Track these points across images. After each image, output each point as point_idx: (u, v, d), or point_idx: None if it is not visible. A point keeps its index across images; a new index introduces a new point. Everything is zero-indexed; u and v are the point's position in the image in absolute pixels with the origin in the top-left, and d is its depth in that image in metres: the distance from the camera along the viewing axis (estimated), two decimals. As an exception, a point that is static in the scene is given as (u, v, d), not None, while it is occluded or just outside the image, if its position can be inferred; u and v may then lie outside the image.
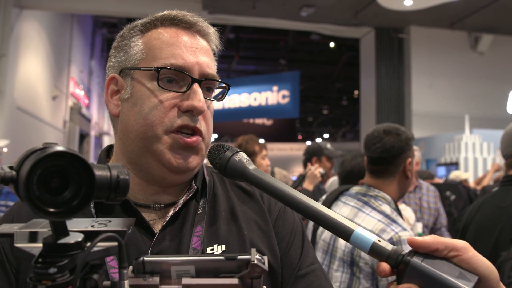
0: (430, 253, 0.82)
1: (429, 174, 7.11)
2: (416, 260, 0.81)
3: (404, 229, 2.32)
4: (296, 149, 22.15)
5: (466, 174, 7.93)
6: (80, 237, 0.67)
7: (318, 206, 0.91)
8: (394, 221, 2.38)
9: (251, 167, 1.03)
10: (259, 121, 21.02)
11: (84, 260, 0.63)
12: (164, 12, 1.24)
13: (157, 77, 1.15)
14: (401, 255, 0.83)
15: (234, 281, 0.76)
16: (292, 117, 18.34)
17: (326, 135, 31.47)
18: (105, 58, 16.76)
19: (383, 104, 12.73)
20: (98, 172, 0.65)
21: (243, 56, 19.68)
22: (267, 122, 21.00)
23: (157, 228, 1.17)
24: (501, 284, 0.83)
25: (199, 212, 1.23)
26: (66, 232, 0.66)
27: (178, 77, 1.17)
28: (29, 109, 10.76)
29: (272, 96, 16.40)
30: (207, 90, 1.23)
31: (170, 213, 1.18)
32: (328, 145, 5.31)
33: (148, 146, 1.16)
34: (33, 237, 0.70)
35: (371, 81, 13.12)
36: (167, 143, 1.15)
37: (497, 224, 2.42)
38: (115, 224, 0.75)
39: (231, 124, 20.48)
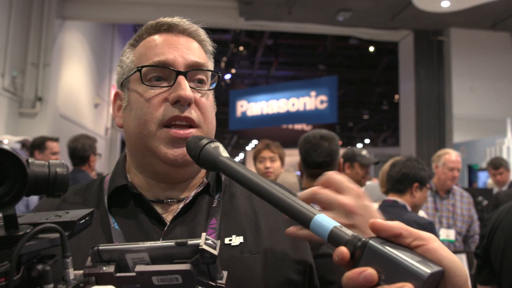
0: (393, 239, 0.76)
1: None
2: (374, 242, 0.74)
3: None
4: (335, 155, 21.92)
5: (506, 179, 7.70)
6: (28, 229, 0.69)
7: (282, 193, 0.89)
8: None
9: (224, 155, 1.01)
10: (298, 126, 20.96)
11: (19, 251, 0.65)
12: (149, 22, 1.30)
13: (140, 77, 1.20)
14: (360, 241, 0.75)
15: (186, 266, 0.76)
16: (330, 122, 18.20)
17: (367, 141, 31.12)
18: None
19: (423, 108, 12.46)
20: (36, 169, 0.68)
21: (282, 62, 19.71)
22: (306, 127, 20.91)
23: (169, 220, 1.20)
24: (468, 284, 0.76)
25: (213, 205, 1.25)
26: (15, 225, 0.69)
27: (164, 74, 1.22)
28: (72, 116, 11.08)
29: (310, 101, 16.34)
30: (198, 81, 1.26)
31: (181, 205, 1.21)
32: (364, 152, 5.21)
33: (146, 145, 1.20)
34: None
35: (410, 85, 12.88)
36: (161, 138, 1.18)
37: None
38: (70, 215, 0.77)
39: (270, 130, 20.50)
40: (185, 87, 1.18)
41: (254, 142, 26.86)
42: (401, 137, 13.84)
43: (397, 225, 0.76)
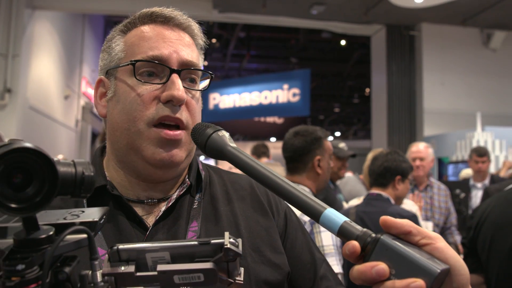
0: (402, 236, 0.79)
1: None
2: (387, 237, 0.77)
3: None
4: (307, 148, 22.00)
5: (477, 172, 7.83)
6: (51, 231, 0.67)
7: (292, 187, 0.89)
8: None
9: (232, 144, 0.99)
10: (270, 119, 20.99)
11: (51, 255, 0.63)
12: (143, 10, 1.25)
13: (133, 71, 1.16)
14: (370, 236, 0.78)
15: (209, 265, 0.76)
16: (303, 115, 18.30)
17: (337, 133, 31.37)
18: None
19: (394, 102, 12.63)
20: (62, 169, 0.65)
21: (254, 54, 19.68)
22: (278, 120, 20.97)
23: (151, 222, 1.17)
24: (469, 286, 0.79)
25: (194, 207, 1.23)
26: (36, 227, 0.66)
27: (157, 69, 1.18)
28: (42, 108, 10.85)
29: (282, 94, 16.36)
30: (190, 81, 1.24)
31: (163, 208, 1.19)
32: (341, 144, 5.24)
33: (132, 143, 1.17)
34: (2, 233, 0.69)
35: (382, 78, 13.03)
36: (149, 138, 1.15)
37: None
38: (87, 214, 0.75)
39: (242, 123, 20.49)
40: (179, 87, 1.15)
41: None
42: (373, 130, 14.01)
43: (407, 223, 0.79)
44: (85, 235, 0.69)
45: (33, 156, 0.61)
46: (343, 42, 17.02)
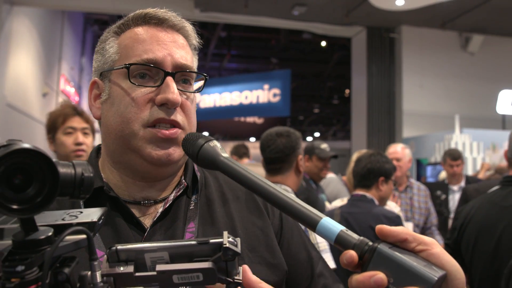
0: (398, 244, 0.80)
1: None
2: (384, 246, 0.78)
3: None
4: (287, 148, 22.04)
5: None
6: (49, 231, 0.67)
7: (287, 196, 0.89)
8: None
9: (224, 155, 0.99)
10: (250, 119, 21.00)
11: (51, 256, 0.63)
12: (137, 11, 1.24)
13: (128, 74, 1.16)
14: (367, 245, 0.79)
15: (208, 264, 0.77)
16: (283, 116, 18.34)
17: (317, 134, 31.51)
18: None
19: (374, 103, 12.75)
20: (62, 170, 0.65)
21: (235, 54, 19.66)
22: (258, 120, 20.99)
23: (148, 224, 1.18)
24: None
25: (191, 208, 1.23)
26: (35, 228, 0.66)
27: (151, 72, 1.18)
28: (19, 106, 10.68)
29: (263, 94, 16.38)
30: (184, 82, 1.24)
31: (161, 209, 1.19)
32: (323, 145, 5.26)
33: (127, 144, 1.17)
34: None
35: (362, 80, 13.14)
36: (144, 137, 1.15)
37: (500, 223, 2.45)
38: (86, 215, 0.75)
39: (222, 123, 20.45)
40: (173, 90, 1.15)
41: (205, 134, 26.74)
42: (353, 131, 14.11)
43: (403, 231, 0.80)
44: (84, 236, 0.69)
45: (33, 157, 0.61)
46: (323, 43, 17.09)
